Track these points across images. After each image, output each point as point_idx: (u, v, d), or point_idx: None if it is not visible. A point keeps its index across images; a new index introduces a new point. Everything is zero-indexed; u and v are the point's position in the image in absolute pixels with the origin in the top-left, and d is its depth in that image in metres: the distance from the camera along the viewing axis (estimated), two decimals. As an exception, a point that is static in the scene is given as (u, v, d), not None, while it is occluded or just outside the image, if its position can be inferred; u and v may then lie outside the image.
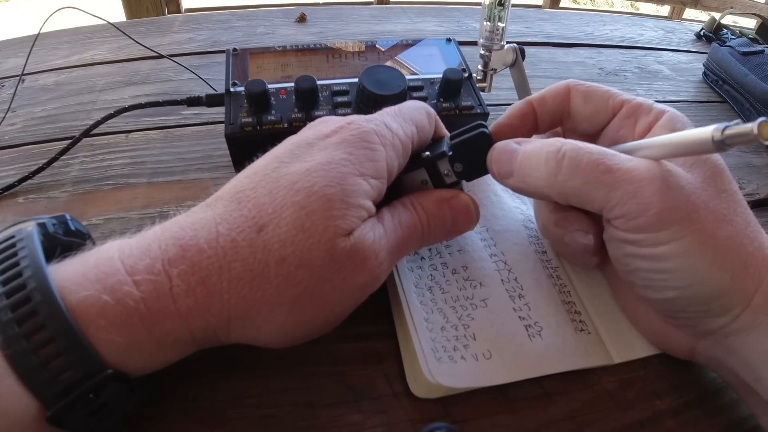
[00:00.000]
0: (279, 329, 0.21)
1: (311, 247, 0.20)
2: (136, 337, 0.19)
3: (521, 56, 0.40)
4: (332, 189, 0.21)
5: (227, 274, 0.20)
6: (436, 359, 0.24)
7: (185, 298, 0.19)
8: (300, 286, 0.20)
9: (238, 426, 0.23)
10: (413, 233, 0.25)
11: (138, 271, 0.19)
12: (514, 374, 0.25)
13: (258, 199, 0.21)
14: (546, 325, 0.27)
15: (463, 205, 0.26)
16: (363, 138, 0.23)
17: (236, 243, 0.20)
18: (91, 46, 0.55)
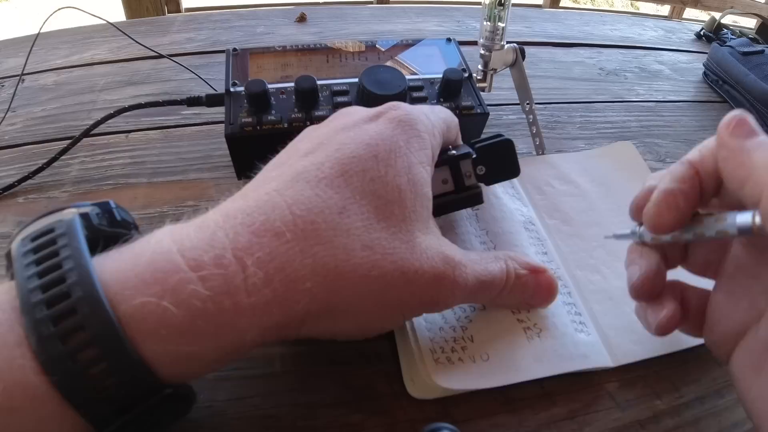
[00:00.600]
0: (356, 323, 0.21)
1: (393, 237, 0.20)
2: (201, 344, 0.17)
3: (521, 56, 0.40)
4: (401, 179, 0.21)
5: (310, 260, 0.18)
6: (434, 360, 0.24)
7: (262, 288, 0.17)
8: (385, 279, 0.19)
9: (238, 426, 0.23)
10: (495, 283, 0.24)
11: (204, 264, 0.17)
12: (512, 377, 0.25)
13: (331, 180, 0.20)
14: (544, 327, 0.27)
15: (549, 283, 0.26)
16: (412, 125, 0.23)
17: (317, 225, 0.18)
18: (91, 45, 0.55)
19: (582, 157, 0.40)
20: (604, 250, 0.32)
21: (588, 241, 0.33)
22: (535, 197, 0.36)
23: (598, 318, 0.28)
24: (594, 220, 0.34)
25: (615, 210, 0.35)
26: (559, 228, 0.34)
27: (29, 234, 0.17)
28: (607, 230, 0.33)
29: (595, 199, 0.36)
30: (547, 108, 0.48)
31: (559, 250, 0.32)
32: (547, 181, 0.37)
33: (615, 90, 0.52)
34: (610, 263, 0.32)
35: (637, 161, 0.40)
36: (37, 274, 0.16)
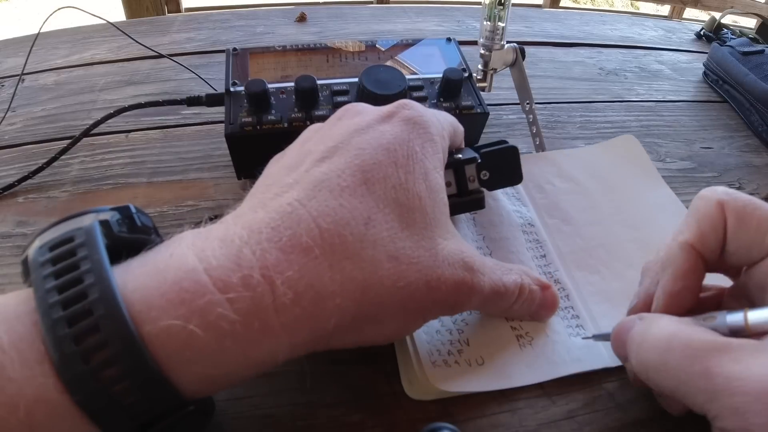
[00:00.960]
0: (381, 334, 0.21)
1: (417, 245, 0.20)
2: (228, 365, 0.16)
3: (521, 56, 0.40)
4: (420, 186, 0.21)
5: (339, 275, 0.18)
6: (431, 362, 0.25)
7: (292, 307, 0.17)
8: (410, 287, 0.19)
9: (238, 425, 0.23)
10: (507, 298, 0.24)
11: (232, 286, 0.16)
12: (505, 382, 0.25)
13: (353, 189, 0.20)
14: (537, 336, 0.27)
15: (553, 298, 0.27)
16: (426, 128, 0.23)
17: (344, 239, 0.18)
18: (91, 45, 0.55)
19: (584, 152, 0.40)
20: (603, 249, 0.32)
21: (588, 241, 0.33)
22: (535, 196, 0.36)
23: (597, 319, 0.28)
24: (595, 219, 0.34)
25: (616, 207, 0.35)
26: (560, 227, 0.34)
27: (47, 242, 0.17)
28: (607, 230, 0.34)
29: (597, 197, 0.36)
30: (547, 108, 0.48)
31: (559, 250, 0.32)
32: (548, 179, 0.37)
33: (615, 90, 0.52)
34: (610, 263, 0.32)
35: (640, 155, 0.40)
36: (56, 288, 0.15)
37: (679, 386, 0.18)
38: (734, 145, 0.46)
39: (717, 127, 0.48)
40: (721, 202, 0.22)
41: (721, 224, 0.22)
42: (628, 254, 0.32)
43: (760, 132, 0.47)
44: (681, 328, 0.20)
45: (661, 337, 0.20)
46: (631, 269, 0.31)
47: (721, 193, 0.22)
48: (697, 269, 0.22)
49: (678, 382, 0.18)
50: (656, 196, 0.37)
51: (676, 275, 0.22)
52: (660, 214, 0.35)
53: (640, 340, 0.21)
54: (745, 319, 0.19)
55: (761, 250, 0.21)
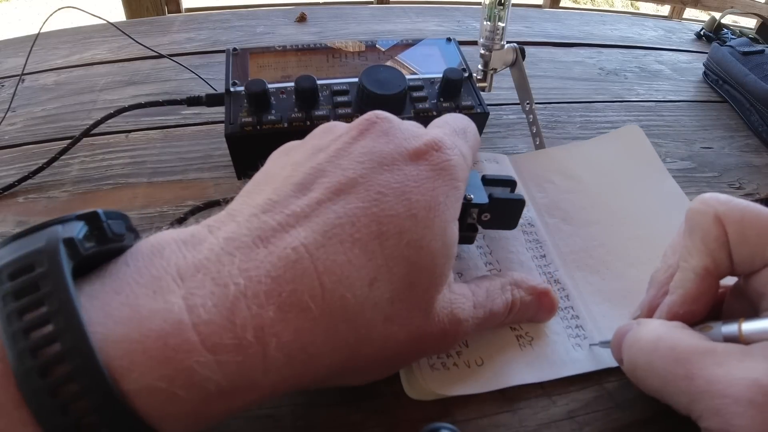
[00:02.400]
0: (359, 380, 0.21)
1: (414, 307, 0.19)
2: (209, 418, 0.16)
3: (521, 56, 0.40)
4: (436, 243, 0.20)
5: (332, 338, 0.17)
6: (430, 366, 0.25)
7: (281, 369, 0.16)
8: (398, 346, 0.19)
9: (238, 426, 0.23)
10: (497, 319, 0.24)
11: (222, 348, 0.15)
12: (505, 381, 0.25)
13: (365, 243, 0.18)
14: (537, 336, 0.27)
15: (551, 303, 0.27)
16: (453, 175, 0.21)
17: (345, 301, 0.17)
18: (91, 45, 0.55)
19: (587, 145, 0.40)
20: (604, 249, 0.32)
21: (588, 241, 0.33)
22: (535, 195, 0.35)
23: (597, 320, 0.28)
24: (595, 218, 0.34)
25: (618, 205, 0.35)
26: (559, 227, 0.34)
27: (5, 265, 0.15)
28: (608, 229, 0.33)
29: (598, 195, 0.36)
30: (547, 108, 0.48)
31: (559, 250, 0.32)
32: (549, 177, 0.37)
33: (615, 90, 0.52)
34: (610, 263, 0.31)
35: (644, 146, 0.39)
36: (23, 331, 0.14)
37: (664, 387, 0.19)
38: (734, 145, 0.46)
39: (717, 127, 0.48)
40: (719, 217, 0.21)
41: (725, 240, 0.21)
42: (628, 253, 0.32)
43: (760, 132, 0.47)
44: (669, 331, 0.20)
45: (649, 340, 0.20)
46: (632, 268, 0.31)
47: (716, 205, 0.22)
48: (710, 292, 0.22)
49: (662, 383, 0.19)
50: (660, 190, 0.36)
51: (685, 299, 0.22)
52: (664, 209, 0.35)
53: (631, 341, 0.21)
54: (739, 330, 0.19)
55: (762, 260, 0.21)
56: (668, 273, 0.24)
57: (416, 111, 0.35)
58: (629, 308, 0.29)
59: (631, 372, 0.21)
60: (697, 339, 0.19)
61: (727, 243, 0.21)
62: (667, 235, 0.32)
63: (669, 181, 0.37)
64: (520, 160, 0.38)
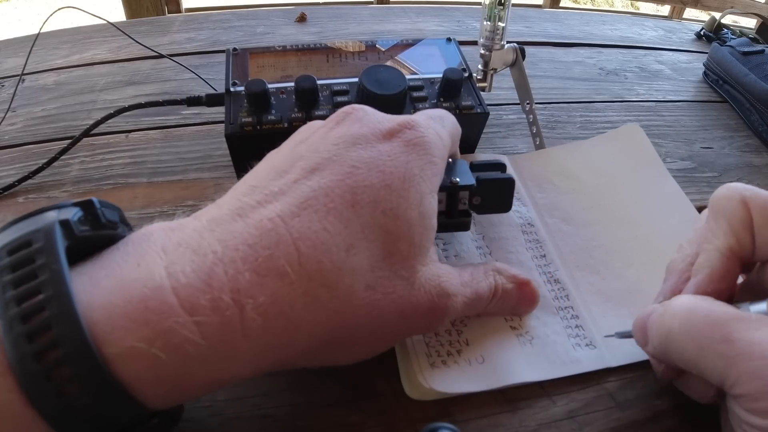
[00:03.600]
0: (349, 356, 0.21)
1: (395, 275, 0.19)
2: (192, 385, 0.16)
3: (521, 56, 0.40)
4: (413, 212, 0.20)
5: (312, 303, 0.17)
6: (430, 364, 0.25)
7: (261, 334, 0.16)
8: (383, 315, 0.19)
9: (238, 426, 0.23)
10: (481, 303, 0.25)
11: (200, 308, 0.15)
12: (505, 379, 0.25)
13: (340, 212, 0.19)
14: (536, 335, 0.27)
15: (533, 294, 0.27)
16: (427, 150, 0.22)
17: (322, 266, 0.17)
18: (91, 45, 0.55)
19: (587, 145, 0.40)
20: (603, 249, 0.32)
21: (588, 241, 0.33)
22: (535, 195, 0.35)
23: (597, 320, 0.28)
24: (595, 218, 0.34)
25: (618, 205, 0.35)
26: (559, 227, 0.34)
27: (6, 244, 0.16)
28: (607, 229, 0.33)
29: (598, 194, 0.36)
30: (547, 108, 0.48)
31: (559, 250, 0.32)
32: (548, 177, 0.37)
33: (615, 90, 0.52)
34: (609, 263, 0.31)
35: (644, 145, 0.39)
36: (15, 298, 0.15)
37: (699, 353, 0.19)
38: (734, 145, 0.46)
39: (717, 127, 0.48)
40: (744, 200, 0.22)
41: (749, 223, 0.22)
42: (628, 254, 0.32)
43: (761, 132, 0.47)
44: (702, 302, 0.20)
45: (683, 308, 0.20)
46: (631, 269, 0.31)
47: (742, 190, 0.22)
48: (735, 273, 0.22)
49: (698, 349, 0.19)
50: (661, 190, 0.36)
51: (713, 277, 0.22)
52: (663, 209, 0.35)
53: (661, 312, 0.21)
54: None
55: None
56: (687, 261, 0.24)
57: (416, 111, 0.35)
58: (629, 308, 0.29)
59: (664, 345, 0.21)
60: (730, 308, 0.20)
61: (752, 226, 0.22)
62: (667, 235, 0.32)
63: (669, 181, 0.37)
64: (519, 160, 0.38)
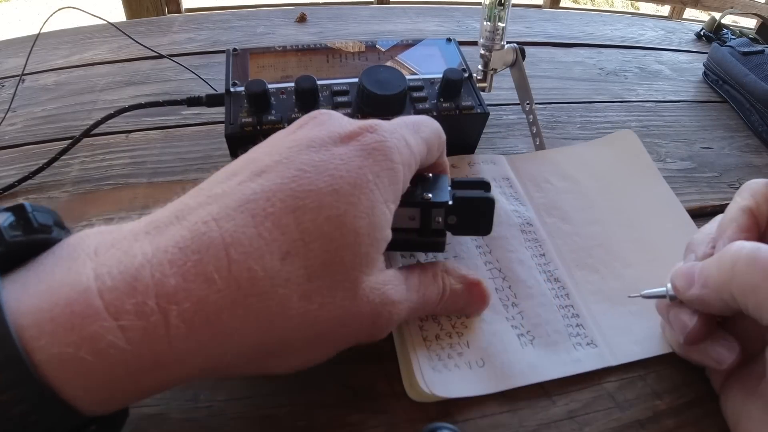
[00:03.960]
0: (284, 366, 0.20)
1: (336, 285, 0.19)
2: (118, 391, 0.16)
3: (521, 56, 0.40)
4: (362, 221, 0.19)
5: (241, 311, 0.17)
6: (431, 368, 0.25)
7: (185, 341, 0.16)
8: (320, 326, 0.19)
9: (238, 426, 0.23)
10: (430, 306, 0.24)
11: (124, 312, 0.15)
12: (506, 383, 0.25)
13: (279, 217, 0.18)
14: (538, 335, 0.27)
15: (482, 295, 0.26)
16: (386, 155, 0.21)
17: (254, 273, 0.17)
18: (91, 46, 0.55)
19: (582, 148, 0.40)
20: (602, 249, 0.32)
21: (587, 240, 0.33)
22: (533, 195, 0.36)
23: (597, 318, 0.29)
24: (594, 218, 0.34)
25: (615, 207, 0.35)
26: (558, 226, 0.34)
27: None
28: (606, 229, 0.34)
29: (595, 196, 0.36)
30: (547, 108, 0.48)
31: (558, 249, 0.32)
32: (546, 178, 0.37)
33: (615, 90, 0.52)
34: (609, 263, 0.32)
35: (638, 150, 0.40)
36: None
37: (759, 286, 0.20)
38: (734, 146, 0.46)
39: (717, 127, 0.48)
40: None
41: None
42: (626, 254, 0.32)
43: (760, 132, 0.47)
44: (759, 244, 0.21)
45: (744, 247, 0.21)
46: (630, 268, 0.31)
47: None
48: (755, 229, 0.24)
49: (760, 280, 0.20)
50: (654, 195, 0.37)
51: (741, 228, 0.24)
52: (657, 213, 0.35)
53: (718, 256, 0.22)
54: None
55: None
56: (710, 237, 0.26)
57: (416, 111, 0.35)
58: (629, 307, 0.29)
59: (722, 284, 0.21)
60: None
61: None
62: (662, 238, 0.33)
63: (662, 185, 0.37)
64: (517, 160, 0.38)
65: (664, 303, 0.26)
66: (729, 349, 0.23)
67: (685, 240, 0.28)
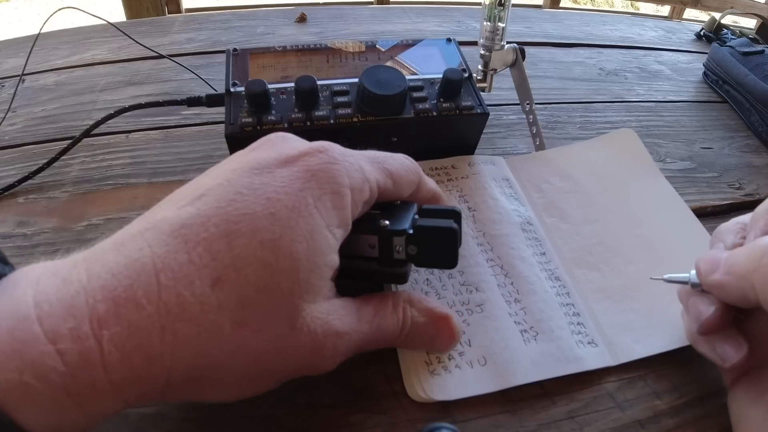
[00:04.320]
0: (223, 394, 0.20)
1: (272, 312, 0.18)
2: (66, 415, 0.16)
3: (521, 56, 0.40)
4: (300, 246, 0.19)
5: (170, 337, 0.17)
6: (430, 372, 0.25)
7: (119, 368, 0.16)
8: (255, 354, 0.18)
9: (238, 426, 0.23)
10: (387, 338, 0.23)
11: (61, 337, 0.15)
12: (508, 381, 0.25)
13: (211, 243, 0.18)
14: (541, 330, 0.27)
15: (451, 331, 0.25)
16: (332, 177, 0.20)
17: (183, 299, 0.17)
18: (91, 46, 0.55)
19: (582, 147, 0.40)
20: (603, 247, 0.32)
21: (587, 239, 0.33)
22: (533, 196, 0.36)
23: (597, 317, 0.29)
24: (593, 217, 0.34)
25: (615, 205, 0.35)
26: (558, 226, 0.34)
27: None
28: (606, 227, 0.34)
29: (595, 194, 0.36)
30: (547, 108, 0.48)
31: (558, 249, 0.32)
32: (545, 178, 0.37)
33: (615, 90, 0.52)
34: (610, 260, 0.32)
35: (638, 149, 0.40)
36: None
37: None
38: (734, 146, 0.46)
39: (717, 127, 0.48)
40: None
41: None
42: (627, 251, 0.32)
43: (760, 132, 0.47)
44: None
45: None
46: (631, 266, 0.31)
47: None
48: None
49: None
50: (655, 192, 0.37)
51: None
52: (658, 210, 0.35)
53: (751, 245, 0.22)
54: None
55: None
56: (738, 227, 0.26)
57: (416, 111, 0.35)
58: (630, 304, 0.29)
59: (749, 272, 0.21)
60: None
61: None
62: (664, 234, 0.33)
63: (663, 182, 0.37)
64: (516, 162, 0.38)
65: (686, 289, 0.26)
66: (736, 348, 0.23)
67: (688, 235, 0.28)
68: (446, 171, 0.36)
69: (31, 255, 0.31)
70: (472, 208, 0.33)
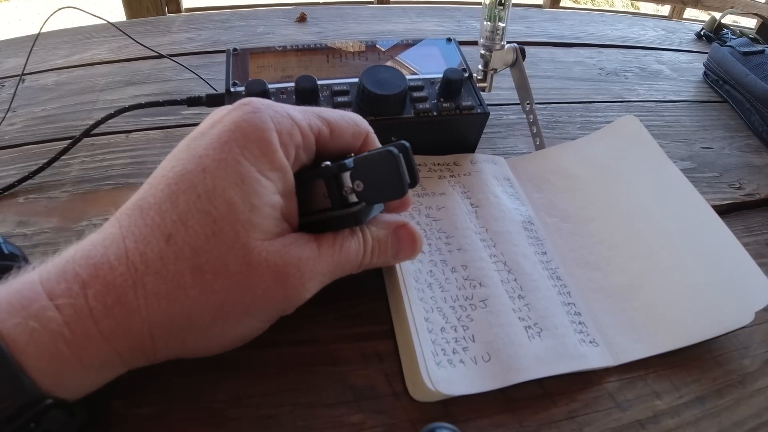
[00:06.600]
0: (204, 339, 0.21)
1: (225, 254, 0.20)
2: (66, 363, 0.18)
3: (522, 56, 0.40)
4: (233, 191, 0.20)
5: (142, 290, 0.19)
6: (436, 364, 0.25)
7: (105, 319, 0.19)
8: (219, 294, 0.20)
9: (238, 426, 0.23)
10: (353, 260, 0.24)
11: (57, 294, 0.18)
12: (513, 377, 0.25)
13: (159, 205, 0.20)
14: (545, 327, 0.27)
15: (411, 236, 0.26)
16: (255, 125, 0.21)
17: (146, 256, 0.19)
18: (91, 45, 0.55)
19: (584, 142, 0.40)
20: (604, 245, 0.32)
21: (587, 238, 0.33)
22: (533, 195, 0.36)
23: (598, 317, 0.29)
24: (594, 215, 0.34)
25: (617, 200, 0.35)
26: (559, 226, 0.34)
27: None
28: (607, 225, 0.33)
29: (597, 191, 0.36)
30: (547, 108, 0.48)
31: (559, 248, 0.32)
32: (546, 177, 0.37)
33: (615, 90, 0.52)
34: (611, 259, 0.32)
35: (642, 135, 0.39)
36: None
37: None
38: (734, 146, 0.46)
39: (717, 127, 0.48)
40: None
41: None
42: (630, 247, 0.32)
43: (761, 132, 0.47)
44: None
45: None
46: (634, 262, 0.31)
47: None
48: None
49: None
50: (662, 177, 0.36)
51: None
52: (666, 195, 0.35)
53: None
54: None
55: None
56: None
57: (416, 111, 0.35)
58: (632, 303, 0.29)
59: None
60: None
61: None
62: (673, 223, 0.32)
63: (670, 167, 0.36)
64: (516, 162, 0.38)
65: None
66: None
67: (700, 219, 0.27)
68: (448, 167, 0.36)
69: (31, 255, 0.31)
70: (475, 204, 0.33)
